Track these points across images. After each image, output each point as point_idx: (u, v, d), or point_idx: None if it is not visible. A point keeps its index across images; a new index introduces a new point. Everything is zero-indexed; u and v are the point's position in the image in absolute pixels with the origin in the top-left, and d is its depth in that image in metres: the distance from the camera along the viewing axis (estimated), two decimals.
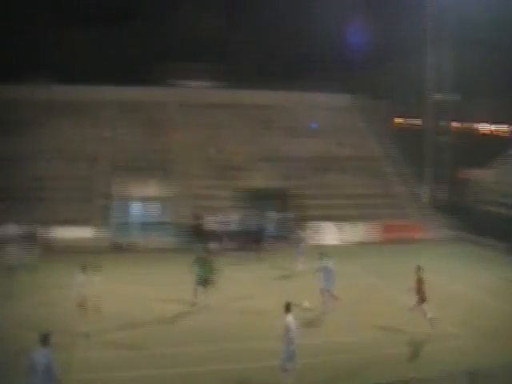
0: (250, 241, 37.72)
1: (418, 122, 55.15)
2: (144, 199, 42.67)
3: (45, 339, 12.12)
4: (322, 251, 24.26)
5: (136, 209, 43.41)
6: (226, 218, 39.05)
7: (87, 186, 43.59)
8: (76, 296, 19.29)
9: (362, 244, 40.20)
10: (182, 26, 55.48)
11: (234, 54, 55.33)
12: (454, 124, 52.61)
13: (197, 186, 43.95)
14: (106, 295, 23.98)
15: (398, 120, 59.73)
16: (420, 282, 20.31)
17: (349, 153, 49.84)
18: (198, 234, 37.81)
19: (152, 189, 41.71)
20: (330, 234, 41.01)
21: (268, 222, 40.03)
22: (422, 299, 20.28)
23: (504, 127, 57.00)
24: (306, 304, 21.98)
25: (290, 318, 14.79)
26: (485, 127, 58.37)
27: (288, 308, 15.01)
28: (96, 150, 46.50)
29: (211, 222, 39.08)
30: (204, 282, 23.06)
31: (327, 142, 50.32)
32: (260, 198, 39.94)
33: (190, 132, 49.08)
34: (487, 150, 47.18)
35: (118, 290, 25.90)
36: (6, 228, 35.86)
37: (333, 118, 53.40)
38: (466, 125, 57.39)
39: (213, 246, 37.25)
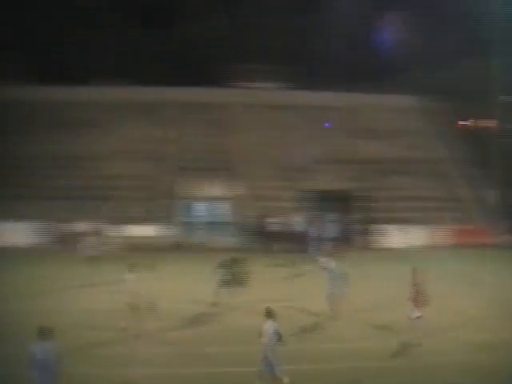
0: (312, 242, 37.66)
1: (484, 123, 54.10)
2: (208, 199, 43.18)
3: (44, 333, 12.30)
4: (328, 253, 23.56)
5: (200, 208, 43.98)
6: (289, 220, 39.03)
7: (152, 186, 44.50)
8: (126, 293, 19.51)
9: (425, 248, 39.53)
10: (246, 27, 55.77)
11: (298, 55, 55.27)
12: None
13: (261, 186, 44.21)
14: (161, 293, 24.35)
15: (464, 122, 58.55)
16: (416, 285, 19.70)
17: (414, 155, 49.15)
18: (261, 235, 38.05)
19: (216, 189, 42.16)
20: (393, 236, 40.55)
21: (331, 224, 39.89)
22: (416, 302, 19.65)
23: None
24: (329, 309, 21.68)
25: (268, 325, 14.22)
26: None
27: (269, 314, 14.43)
28: (161, 151, 47.42)
29: (274, 223, 39.16)
30: (229, 283, 22.72)
31: (392, 144, 49.81)
32: (324, 200, 39.83)
33: (254, 133, 49.36)
34: None
35: (175, 289, 26.03)
36: (79, 224, 37.00)
37: (398, 119, 52.86)
38: None
39: (275, 246, 37.58)
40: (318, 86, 52.13)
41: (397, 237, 40.53)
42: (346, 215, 40.82)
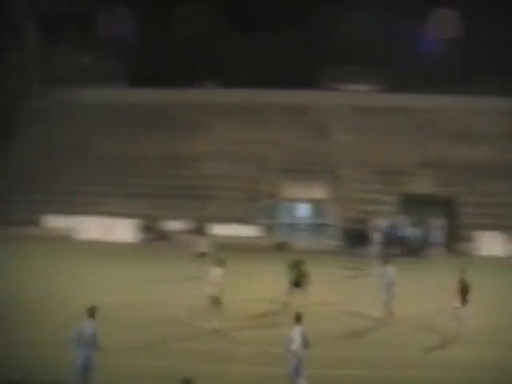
0: (410, 247, 37.39)
1: None
2: (308, 201, 43.53)
3: (92, 311, 13.31)
4: (387, 258, 23.43)
5: (299, 210, 44.42)
6: (387, 223, 38.80)
7: (254, 187, 45.29)
8: (209, 290, 19.95)
9: None
10: (348, 29, 55.61)
11: (399, 57, 54.66)
12: None
13: (360, 189, 44.07)
14: (245, 291, 24.78)
15: None
16: (463, 284, 19.89)
17: None
18: (359, 238, 38.04)
19: (316, 191, 42.39)
20: (491, 244, 39.38)
21: (430, 228, 39.37)
22: (464, 301, 19.72)
23: None
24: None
25: (296, 329, 13.95)
26: None
27: (298, 319, 14.15)
28: (263, 152, 48.18)
29: (373, 226, 39.03)
30: (297, 283, 22.80)
31: (493, 148, 48.20)
32: (423, 205, 39.39)
33: (355, 136, 49.15)
34: None
35: (260, 287, 26.35)
36: (181, 222, 38.28)
37: (500, 123, 51.15)
38: None
39: (372, 249, 37.46)
40: (418, 88, 51.48)
41: (494, 244, 39.24)
42: (444, 220, 40.10)
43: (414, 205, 39.57)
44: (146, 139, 49.49)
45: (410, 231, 37.96)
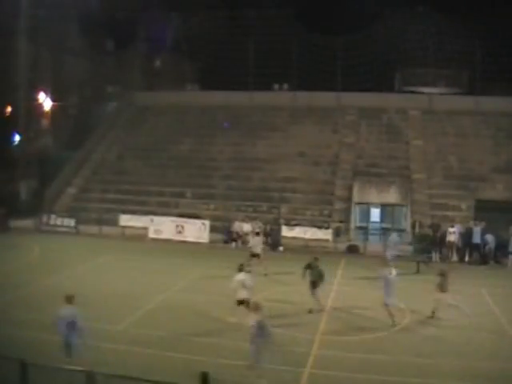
0: (483, 254, 36.39)
1: None
2: (382, 205, 43.05)
3: (69, 299, 14.68)
4: (385, 260, 23.96)
5: (374, 214, 43.97)
6: (462, 230, 37.84)
7: (326, 189, 45.15)
8: (237, 291, 20.37)
9: None
10: (421, 32, 54.87)
11: (476, 59, 53.46)
12: None
13: (435, 194, 43.33)
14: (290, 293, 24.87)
15: None
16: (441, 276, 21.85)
17: None
18: (433, 244, 37.28)
19: (390, 195, 41.86)
20: None
21: (506, 236, 38.19)
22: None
23: None
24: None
25: (251, 319, 14.94)
26: None
27: (254, 309, 15.09)
28: (337, 155, 48.03)
29: (448, 233, 38.15)
30: (315, 283, 22.63)
31: None
32: (499, 211, 38.27)
33: (430, 139, 48.33)
34: None
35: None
36: (253, 224, 38.39)
37: None
38: None
39: (448, 256, 36.69)
40: (496, 90, 50.25)
41: None
42: None
43: (489, 211, 38.44)
44: (218, 141, 50.20)
45: (484, 238, 36.84)
